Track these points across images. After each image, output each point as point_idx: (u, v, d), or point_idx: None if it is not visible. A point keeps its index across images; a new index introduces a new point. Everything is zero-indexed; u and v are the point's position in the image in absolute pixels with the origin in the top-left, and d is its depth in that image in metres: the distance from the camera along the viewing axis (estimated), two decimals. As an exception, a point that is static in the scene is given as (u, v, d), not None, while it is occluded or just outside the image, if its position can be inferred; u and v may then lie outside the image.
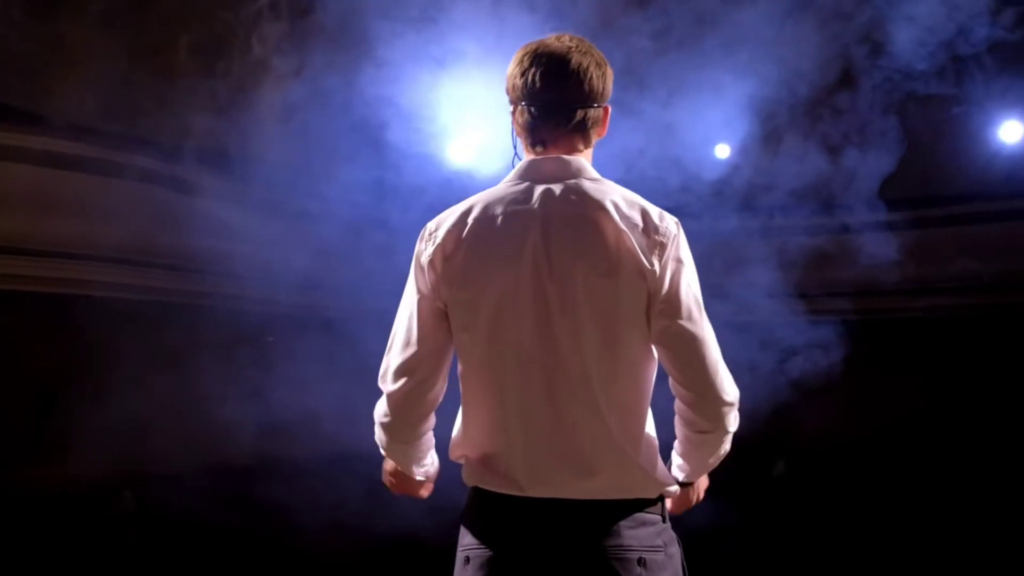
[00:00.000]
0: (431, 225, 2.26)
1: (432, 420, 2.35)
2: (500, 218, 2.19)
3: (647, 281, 2.13)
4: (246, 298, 8.62)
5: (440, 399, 2.33)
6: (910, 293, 10.25)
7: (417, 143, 5.99)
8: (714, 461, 2.33)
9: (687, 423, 2.24)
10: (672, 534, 2.28)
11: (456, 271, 2.19)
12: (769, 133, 7.26)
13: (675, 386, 2.22)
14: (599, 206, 2.17)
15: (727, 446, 2.30)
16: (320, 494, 7.50)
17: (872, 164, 7.40)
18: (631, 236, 2.14)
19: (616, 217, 2.15)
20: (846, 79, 7.25)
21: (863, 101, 7.34)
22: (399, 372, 2.26)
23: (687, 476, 2.37)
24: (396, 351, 2.28)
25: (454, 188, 6.57)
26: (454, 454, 2.34)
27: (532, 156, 2.28)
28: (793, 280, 7.73)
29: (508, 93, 2.30)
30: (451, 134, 6.07)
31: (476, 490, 2.27)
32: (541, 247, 2.15)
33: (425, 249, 2.24)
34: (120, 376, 7.80)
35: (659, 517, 2.24)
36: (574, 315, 2.13)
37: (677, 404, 2.24)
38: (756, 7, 6.08)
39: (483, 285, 2.17)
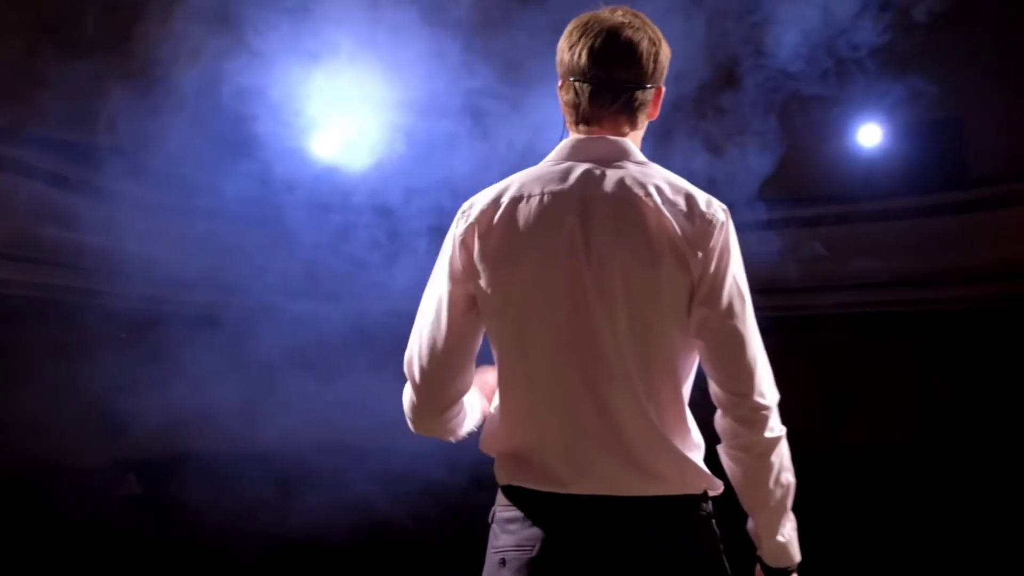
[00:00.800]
0: (465, 204, 2.11)
1: (460, 405, 2.17)
2: (537, 199, 2.05)
3: (690, 271, 2.00)
4: (134, 295, 8.41)
5: (468, 388, 2.16)
6: (808, 290, 10.49)
7: (287, 137, 5.81)
8: (781, 494, 2.08)
9: (727, 436, 2.06)
10: (717, 532, 2.10)
11: (489, 253, 2.05)
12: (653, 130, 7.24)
13: (713, 388, 2.06)
14: (642, 190, 2.04)
15: (785, 462, 2.08)
16: (223, 491, 7.34)
17: (753, 163, 7.48)
18: (674, 223, 2.01)
19: (659, 202, 2.02)
20: (729, 79, 7.30)
21: (745, 100, 7.41)
22: (426, 360, 2.10)
23: (766, 533, 2.11)
24: (423, 338, 2.11)
25: (322, 183, 6.42)
26: (485, 447, 2.17)
27: (576, 135, 2.14)
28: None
29: (557, 67, 2.14)
30: (319, 128, 5.92)
31: (509, 487, 2.10)
32: (579, 231, 2.02)
33: (458, 229, 2.08)
34: (11, 371, 7.50)
35: (706, 515, 2.08)
36: (612, 302, 1.99)
37: (717, 418, 2.07)
38: (641, 4, 6.07)
39: (516, 268, 2.03)
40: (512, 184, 2.09)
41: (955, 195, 10.38)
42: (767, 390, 2.03)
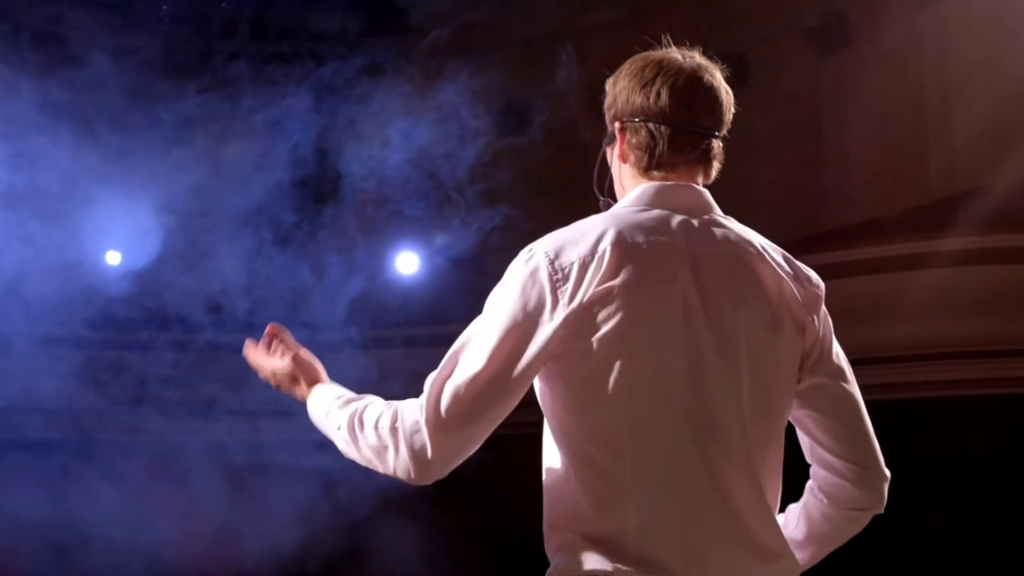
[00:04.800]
0: (548, 249, 1.87)
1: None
2: (644, 248, 1.86)
3: (804, 337, 1.94)
4: None
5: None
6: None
7: None
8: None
9: (842, 501, 2.00)
10: None
11: (590, 306, 1.82)
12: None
13: (828, 459, 1.98)
14: (752, 248, 1.95)
15: None
16: None
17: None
18: (791, 286, 1.94)
19: (773, 263, 1.95)
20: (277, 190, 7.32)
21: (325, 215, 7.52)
22: (469, 411, 1.82)
23: (808, 563, 2.09)
24: (471, 385, 1.82)
25: None
26: (555, 527, 1.87)
27: (655, 182, 1.97)
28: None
29: (614, 107, 2.01)
30: None
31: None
32: (693, 288, 1.87)
33: (541, 274, 1.84)
34: None
35: None
36: (736, 370, 1.86)
37: (824, 482, 2.00)
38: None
39: (624, 325, 1.82)
40: (607, 229, 1.88)
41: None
42: (882, 457, 2.01)
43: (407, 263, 10.88)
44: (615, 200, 2.07)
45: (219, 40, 6.61)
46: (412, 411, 1.87)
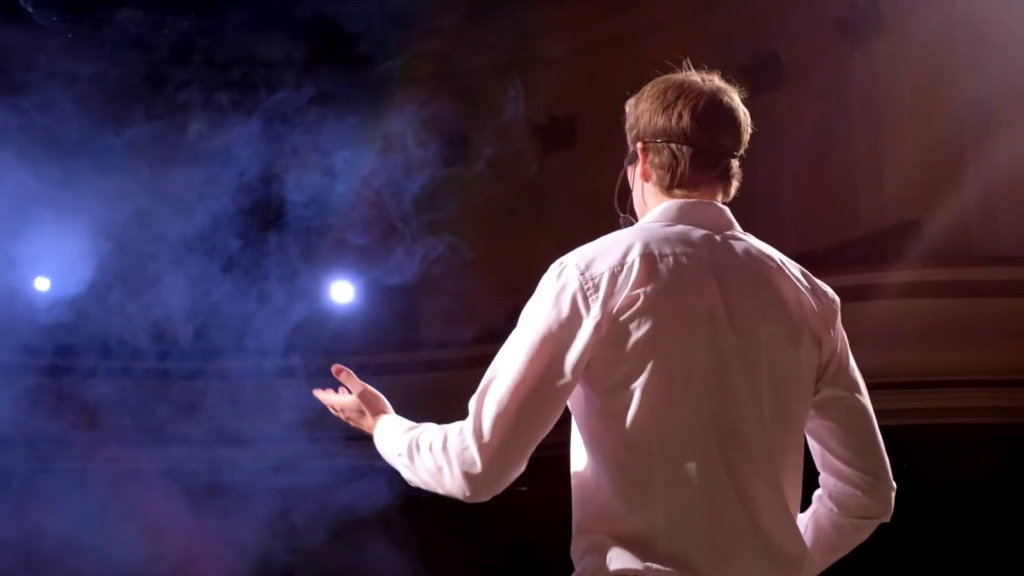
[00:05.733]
0: (578, 261, 1.92)
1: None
2: (671, 260, 1.93)
3: (820, 350, 2.00)
4: None
5: None
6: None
7: None
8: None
9: (852, 509, 2.07)
10: None
11: (623, 316, 1.88)
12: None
13: (840, 468, 2.05)
14: (772, 263, 2.02)
15: None
16: None
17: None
18: (810, 300, 2.01)
19: (792, 277, 2.01)
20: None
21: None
22: (513, 423, 1.88)
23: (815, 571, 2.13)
24: (512, 398, 1.88)
25: None
26: (584, 527, 1.94)
27: (677, 200, 2.04)
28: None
29: (636, 127, 2.07)
30: None
31: (623, 575, 1.88)
32: (719, 300, 1.93)
33: (571, 287, 1.90)
34: None
35: None
36: (757, 379, 1.92)
37: (835, 490, 2.07)
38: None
39: (656, 338, 1.88)
40: (634, 242, 1.94)
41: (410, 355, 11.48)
42: (890, 468, 2.08)
43: (342, 292, 10.91)
44: (635, 217, 2.14)
45: (166, 67, 6.61)
46: (460, 430, 1.92)
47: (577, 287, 1.90)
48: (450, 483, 1.93)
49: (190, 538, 7.94)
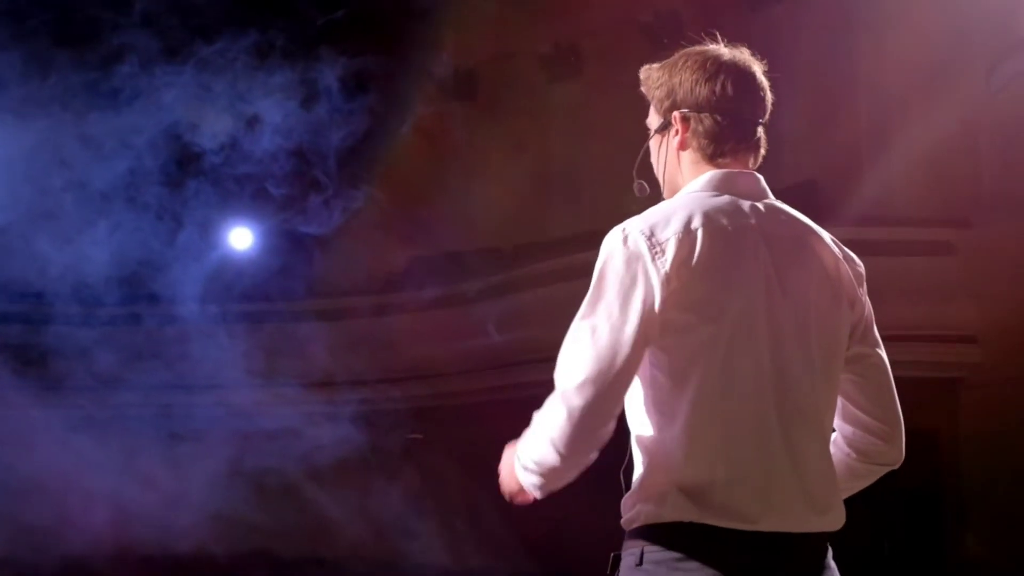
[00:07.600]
0: (643, 227, 2.02)
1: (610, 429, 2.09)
2: (729, 229, 2.04)
3: (854, 310, 2.15)
4: None
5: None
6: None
7: None
8: None
9: (871, 456, 2.23)
10: None
11: (693, 285, 2.00)
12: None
13: (862, 418, 2.19)
14: (811, 230, 2.15)
15: None
16: None
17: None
18: (845, 265, 2.15)
19: (829, 243, 2.15)
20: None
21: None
22: (598, 387, 1.99)
23: None
24: (596, 355, 1.99)
25: None
26: (649, 480, 2.05)
27: (719, 169, 2.14)
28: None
29: (672, 97, 2.16)
30: None
31: (678, 525, 2.01)
32: (771, 267, 2.06)
33: (643, 255, 2.00)
34: None
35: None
36: (807, 340, 2.06)
37: (854, 438, 2.22)
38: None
39: (721, 302, 2.01)
40: (693, 211, 2.05)
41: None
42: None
43: (241, 238, 10.76)
44: (653, 184, 2.27)
45: (91, 10, 6.41)
46: (552, 399, 2.04)
47: (646, 251, 2.00)
48: (557, 450, 2.03)
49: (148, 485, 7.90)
